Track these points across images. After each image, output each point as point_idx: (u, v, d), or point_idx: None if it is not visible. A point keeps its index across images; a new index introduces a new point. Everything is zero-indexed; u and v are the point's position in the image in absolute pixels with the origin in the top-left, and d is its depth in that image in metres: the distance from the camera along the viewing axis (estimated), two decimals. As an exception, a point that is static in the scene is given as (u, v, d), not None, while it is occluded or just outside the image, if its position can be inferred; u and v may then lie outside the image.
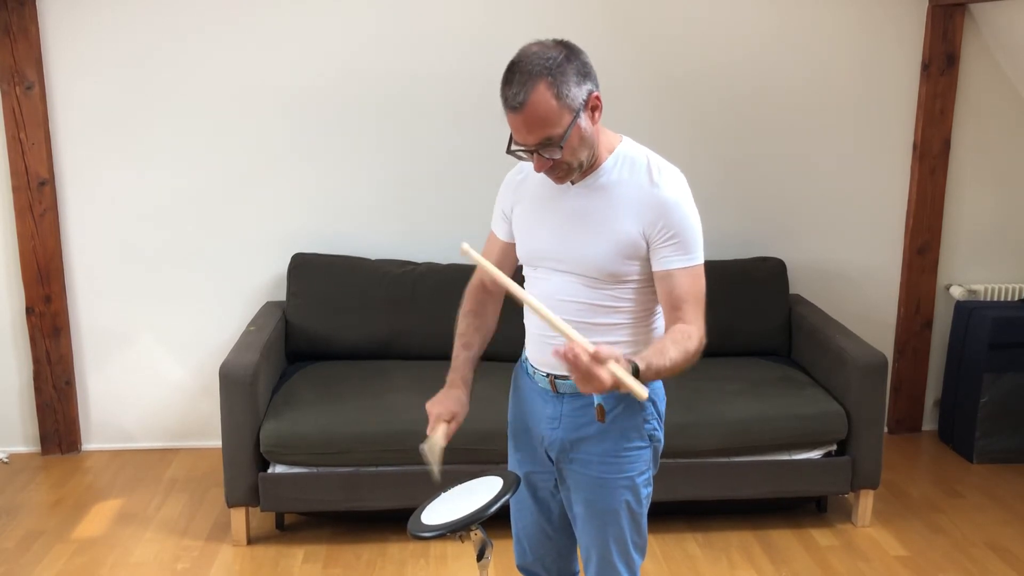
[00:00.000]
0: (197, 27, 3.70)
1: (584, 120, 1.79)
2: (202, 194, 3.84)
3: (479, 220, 3.87)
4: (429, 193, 3.91)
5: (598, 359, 1.57)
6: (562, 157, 1.79)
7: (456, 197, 3.91)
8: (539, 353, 2.02)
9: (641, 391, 1.58)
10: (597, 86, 1.81)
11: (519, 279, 1.98)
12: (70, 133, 3.75)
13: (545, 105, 1.73)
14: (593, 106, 1.80)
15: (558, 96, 1.73)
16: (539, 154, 1.80)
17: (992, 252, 4.15)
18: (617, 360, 1.60)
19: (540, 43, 1.79)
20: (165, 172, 3.81)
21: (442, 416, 1.97)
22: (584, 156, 1.83)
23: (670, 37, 3.85)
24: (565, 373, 1.96)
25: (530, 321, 2.04)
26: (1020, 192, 4.11)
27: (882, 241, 4.11)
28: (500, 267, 2.10)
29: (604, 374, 1.57)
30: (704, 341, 1.83)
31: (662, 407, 2.04)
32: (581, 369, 1.57)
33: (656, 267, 1.86)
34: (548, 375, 2.00)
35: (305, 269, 3.75)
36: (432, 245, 3.92)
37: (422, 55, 3.78)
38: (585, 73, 1.78)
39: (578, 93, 1.76)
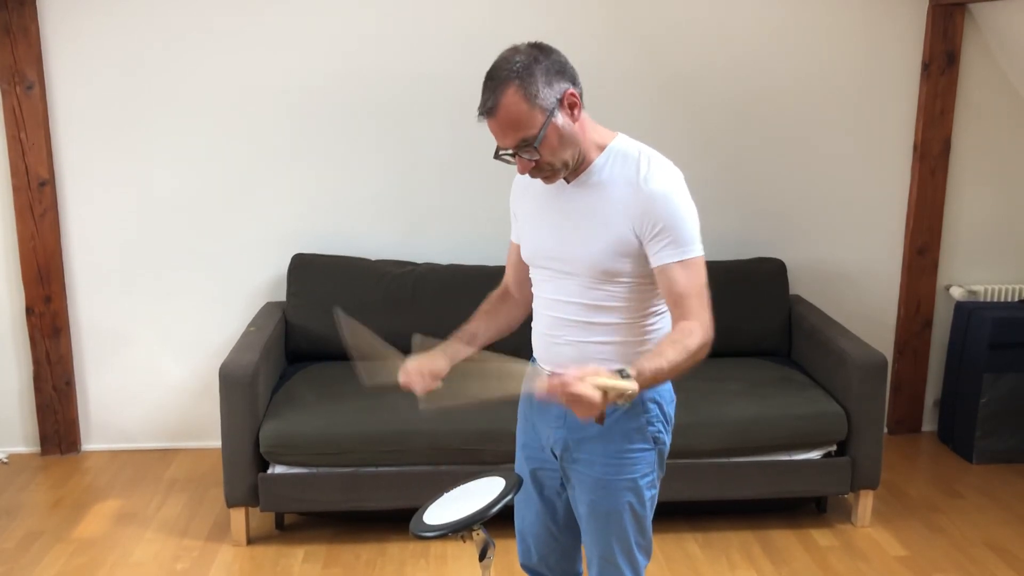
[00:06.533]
0: (197, 27, 3.69)
1: (561, 119, 1.79)
2: (202, 194, 3.84)
3: (479, 220, 3.90)
4: (429, 193, 3.91)
5: (572, 379, 1.62)
6: (542, 157, 1.81)
7: (456, 197, 3.91)
8: (544, 352, 2.03)
9: (629, 385, 1.65)
10: (575, 83, 1.82)
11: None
12: (70, 133, 3.75)
13: (515, 108, 1.76)
14: (570, 104, 1.81)
15: (527, 97, 1.75)
16: (520, 156, 1.82)
17: (992, 252, 4.15)
18: (596, 373, 1.64)
19: (514, 48, 1.81)
20: (165, 172, 3.81)
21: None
22: (568, 155, 1.83)
23: (670, 37, 3.85)
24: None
25: (536, 320, 2.05)
26: (1020, 192, 4.11)
27: (882, 241, 4.11)
28: (521, 270, 2.12)
29: (586, 388, 1.61)
30: (711, 335, 1.81)
31: (670, 410, 2.02)
32: (565, 394, 1.62)
33: (653, 263, 1.86)
34: (551, 373, 2.00)
35: (305, 269, 3.75)
36: (432, 246, 3.92)
37: (422, 55, 3.78)
38: (558, 72, 1.79)
39: (549, 93, 1.77)
